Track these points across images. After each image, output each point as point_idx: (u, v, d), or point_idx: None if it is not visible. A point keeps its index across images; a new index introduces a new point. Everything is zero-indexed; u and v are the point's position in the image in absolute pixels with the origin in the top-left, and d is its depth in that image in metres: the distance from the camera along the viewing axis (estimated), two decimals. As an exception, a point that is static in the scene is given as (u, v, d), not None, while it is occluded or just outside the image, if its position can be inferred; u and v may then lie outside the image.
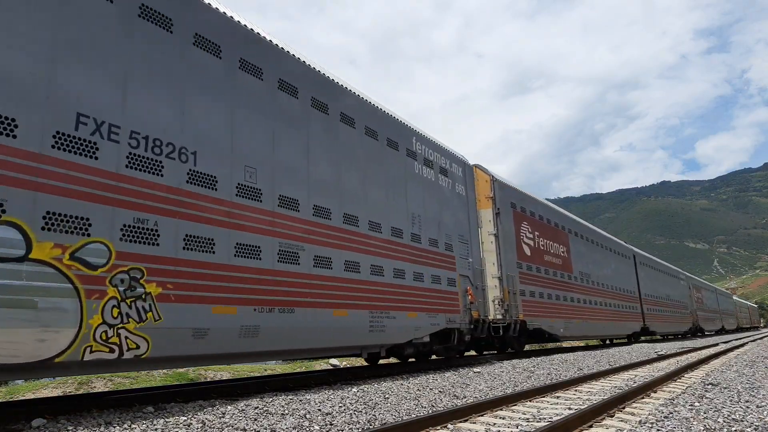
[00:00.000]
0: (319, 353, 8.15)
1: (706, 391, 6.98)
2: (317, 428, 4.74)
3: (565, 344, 27.10)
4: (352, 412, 5.50)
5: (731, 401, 6.01)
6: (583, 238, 21.01)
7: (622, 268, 25.15)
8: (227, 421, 4.87)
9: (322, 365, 15.40)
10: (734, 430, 4.54)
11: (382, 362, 11.56)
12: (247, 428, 4.63)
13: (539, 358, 14.27)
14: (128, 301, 5.24)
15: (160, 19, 6.13)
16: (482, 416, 5.44)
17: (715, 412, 5.34)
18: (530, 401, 6.44)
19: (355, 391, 6.99)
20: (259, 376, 12.05)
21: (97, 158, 5.22)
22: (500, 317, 13.34)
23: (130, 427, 4.59)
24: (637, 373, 10.08)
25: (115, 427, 4.59)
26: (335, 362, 15.61)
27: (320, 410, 5.49)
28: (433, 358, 11.90)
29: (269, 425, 4.76)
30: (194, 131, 6.27)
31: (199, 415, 5.13)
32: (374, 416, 5.31)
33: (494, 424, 5.06)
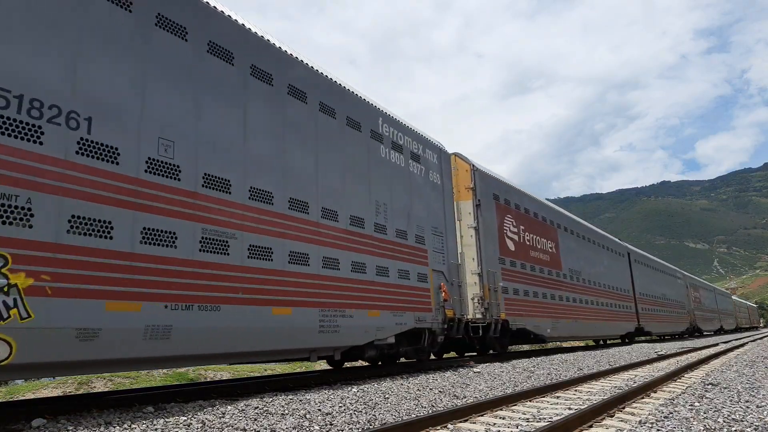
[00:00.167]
0: (253, 357, 7.14)
1: (706, 391, 6.98)
2: (317, 428, 4.74)
3: (565, 344, 26.92)
4: (352, 412, 5.50)
5: (731, 401, 6.02)
6: (573, 233, 20.15)
7: (615, 265, 24.42)
8: (227, 421, 4.88)
9: (322, 365, 15.35)
10: (734, 430, 4.55)
11: (340, 365, 10.91)
12: (247, 428, 4.64)
13: (539, 358, 14.28)
14: None
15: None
16: (482, 416, 5.44)
17: (715, 412, 5.34)
18: (530, 401, 6.45)
19: (355, 391, 6.99)
20: (259, 376, 12.08)
21: None
22: (480, 316, 12.53)
23: (130, 427, 4.60)
24: (637, 373, 10.08)
25: (115, 427, 4.59)
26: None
27: (320, 410, 5.50)
28: (402, 361, 11.11)
29: (269, 425, 4.76)
30: (89, 94, 5.34)
31: (199, 415, 5.14)
32: (374, 416, 5.31)
33: (494, 424, 5.07)
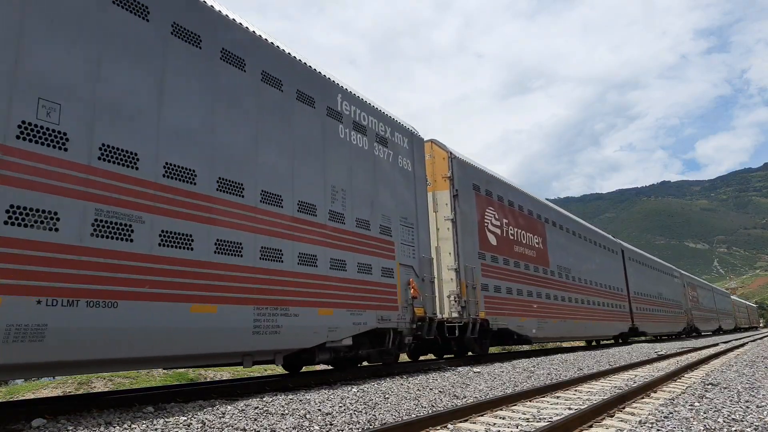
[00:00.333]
0: (166, 363, 6.15)
1: (706, 391, 6.98)
2: (317, 428, 4.74)
3: (565, 344, 26.82)
4: (352, 412, 5.50)
5: (731, 401, 6.02)
6: (563, 229, 19.16)
7: (608, 263, 23.45)
8: (227, 421, 4.88)
9: (323, 365, 15.29)
10: (734, 430, 4.55)
11: (302, 369, 10.05)
12: (247, 428, 4.64)
13: (539, 358, 14.29)
14: None
15: None
16: (482, 416, 5.44)
17: (715, 412, 5.34)
18: (530, 401, 6.45)
19: (355, 391, 6.99)
20: (259, 376, 12.07)
21: None
22: (456, 315, 11.65)
23: (130, 427, 4.60)
24: (637, 373, 10.08)
25: (115, 427, 4.59)
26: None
27: (320, 410, 5.50)
28: (365, 365, 10.23)
29: (269, 425, 4.76)
30: None
31: (199, 415, 5.14)
32: (374, 416, 5.31)
33: (494, 424, 5.07)
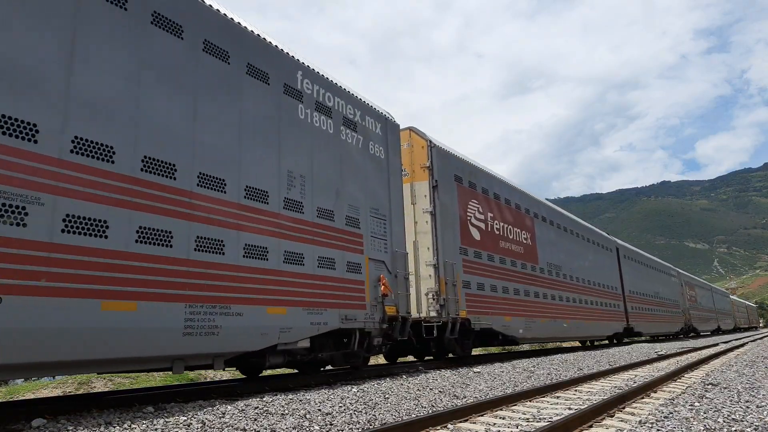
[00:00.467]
0: (71, 369, 5.32)
1: (706, 391, 6.98)
2: (317, 428, 4.74)
3: (565, 344, 26.77)
4: (352, 412, 5.50)
5: (731, 401, 6.02)
6: (553, 224, 18.30)
7: (602, 261, 22.64)
8: (227, 421, 4.88)
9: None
10: (734, 430, 4.55)
11: (257, 373, 9.11)
12: (247, 428, 4.64)
13: (539, 358, 14.29)
14: None
15: None
16: (482, 416, 5.44)
17: (715, 412, 5.34)
18: (530, 401, 6.45)
19: (355, 391, 6.99)
20: (259, 376, 12.04)
21: None
22: (434, 314, 10.91)
23: (130, 427, 4.60)
24: (637, 373, 10.08)
25: (115, 427, 4.59)
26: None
27: (320, 410, 5.50)
28: (329, 368, 9.60)
29: (269, 425, 4.76)
30: None
31: (199, 415, 5.14)
32: (374, 416, 5.32)
33: (494, 424, 5.07)
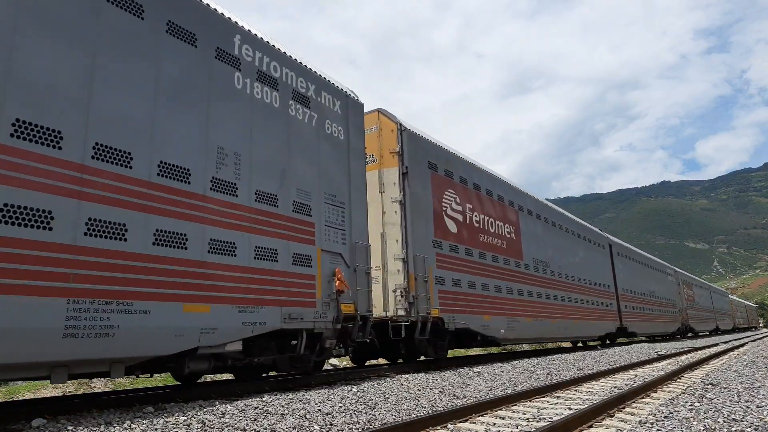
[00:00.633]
0: None
1: (706, 391, 6.98)
2: (317, 428, 4.74)
3: (564, 344, 26.68)
4: (352, 412, 5.50)
5: (731, 401, 6.02)
6: (540, 218, 17.22)
7: (594, 258, 21.55)
8: (227, 421, 4.88)
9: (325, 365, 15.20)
10: (734, 430, 4.55)
11: (194, 381, 8.32)
12: (247, 428, 4.64)
13: (539, 358, 14.29)
14: None
15: None
16: (482, 416, 5.44)
17: (715, 412, 5.34)
18: (530, 401, 6.45)
19: (355, 391, 6.99)
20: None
21: None
22: (403, 313, 10.01)
23: (130, 427, 4.60)
24: (637, 373, 10.08)
25: (115, 426, 4.59)
26: (335, 362, 15.27)
27: (320, 410, 5.50)
28: (273, 375, 8.83)
29: (269, 425, 4.76)
30: None
31: (199, 415, 5.14)
32: (374, 416, 5.32)
33: (494, 424, 5.07)
